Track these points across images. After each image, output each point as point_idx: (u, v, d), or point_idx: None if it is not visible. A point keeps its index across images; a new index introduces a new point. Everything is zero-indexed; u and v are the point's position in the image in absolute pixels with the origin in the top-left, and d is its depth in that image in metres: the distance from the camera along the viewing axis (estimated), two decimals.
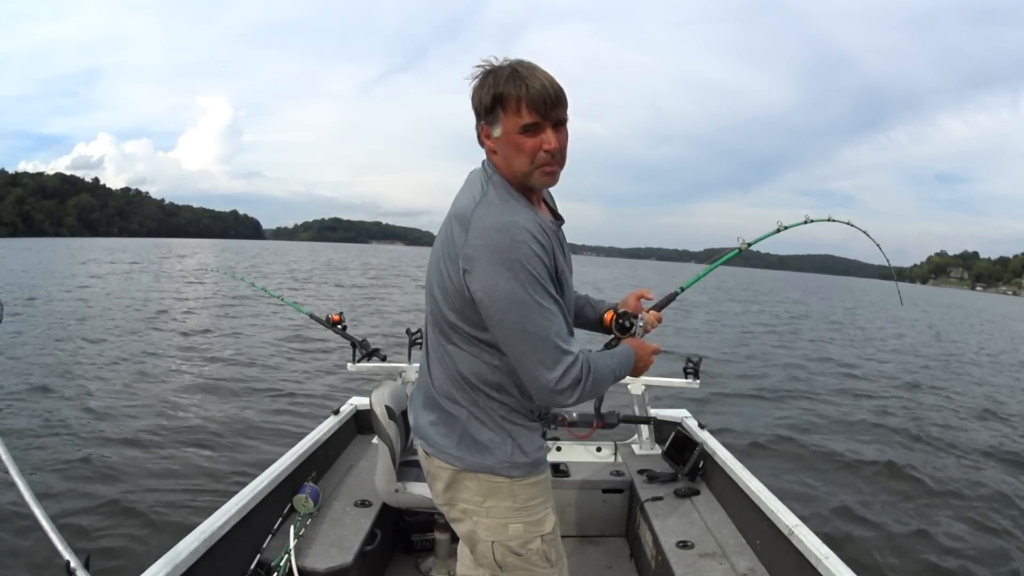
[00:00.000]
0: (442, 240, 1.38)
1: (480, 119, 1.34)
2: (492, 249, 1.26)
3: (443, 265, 1.36)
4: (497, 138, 1.33)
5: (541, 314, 1.27)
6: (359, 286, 26.94)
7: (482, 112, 1.32)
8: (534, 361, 1.28)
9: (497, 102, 1.29)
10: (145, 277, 26.24)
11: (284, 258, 58.04)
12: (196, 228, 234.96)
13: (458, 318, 1.35)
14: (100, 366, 8.31)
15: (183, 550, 1.76)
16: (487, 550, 1.44)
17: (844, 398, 9.05)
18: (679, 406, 3.51)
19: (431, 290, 1.42)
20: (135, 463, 4.85)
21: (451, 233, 1.34)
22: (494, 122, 1.31)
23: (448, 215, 1.40)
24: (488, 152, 1.38)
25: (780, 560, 2.09)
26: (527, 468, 1.42)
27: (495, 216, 1.29)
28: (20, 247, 57.70)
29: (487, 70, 1.31)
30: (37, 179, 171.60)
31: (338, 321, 3.31)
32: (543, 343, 1.27)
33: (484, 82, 1.31)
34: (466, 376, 1.39)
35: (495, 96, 1.28)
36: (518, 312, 1.26)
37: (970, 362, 15.03)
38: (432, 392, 1.46)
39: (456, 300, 1.34)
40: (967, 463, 6.28)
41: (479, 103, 1.32)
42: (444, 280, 1.35)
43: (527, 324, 1.26)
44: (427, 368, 1.49)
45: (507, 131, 1.30)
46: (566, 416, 2.86)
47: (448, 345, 1.40)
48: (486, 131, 1.34)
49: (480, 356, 1.37)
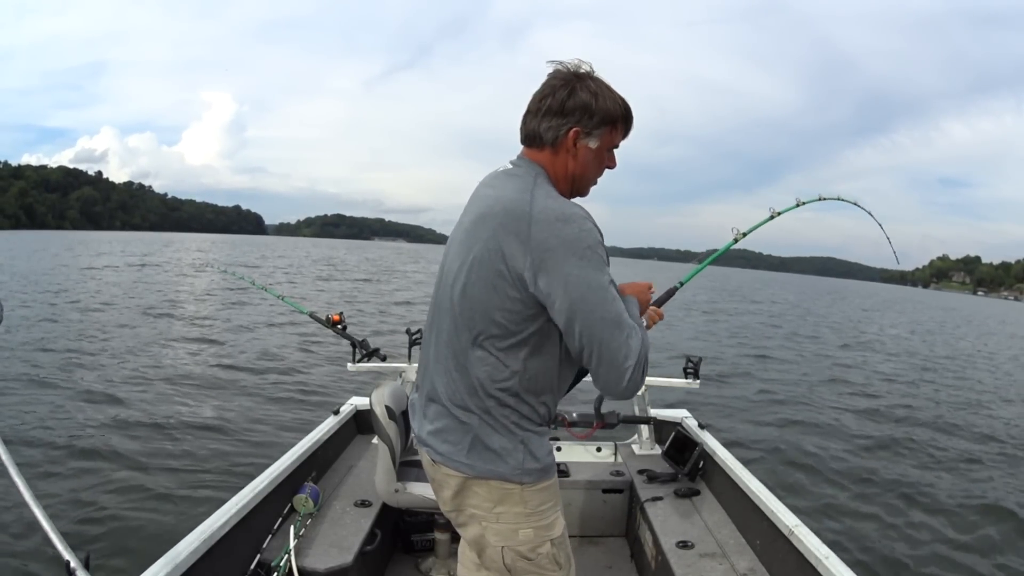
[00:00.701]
0: (485, 239, 1.32)
1: (574, 124, 1.33)
2: (561, 240, 1.25)
3: (491, 264, 1.30)
4: (589, 147, 1.35)
5: (614, 298, 1.28)
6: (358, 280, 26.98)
7: (590, 121, 1.33)
8: (613, 349, 1.26)
9: (619, 119, 1.36)
10: (144, 273, 26.23)
11: (295, 253, 58.02)
12: (199, 223, 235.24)
13: (505, 318, 1.31)
14: (100, 366, 8.29)
15: (183, 550, 1.76)
16: (496, 555, 1.42)
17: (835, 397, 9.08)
18: (679, 406, 3.51)
19: (463, 292, 1.35)
20: (135, 463, 4.84)
21: (501, 230, 1.29)
22: (597, 133, 1.35)
23: (482, 214, 1.35)
24: (560, 154, 1.37)
25: (780, 560, 2.09)
26: (538, 474, 1.40)
27: (558, 208, 1.29)
28: (20, 241, 57.65)
29: (598, 79, 1.34)
30: (40, 172, 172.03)
31: (338, 321, 3.31)
32: (617, 326, 1.26)
33: (613, 94, 1.34)
34: (483, 382, 1.35)
35: (625, 113, 1.36)
36: (596, 298, 1.25)
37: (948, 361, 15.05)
38: (441, 399, 1.42)
39: (506, 300, 1.30)
40: (967, 464, 6.28)
41: (597, 112, 1.33)
42: (492, 279, 1.30)
43: (603, 310, 1.26)
44: (435, 374, 1.44)
45: (603, 145, 1.36)
46: (566, 416, 2.86)
47: (475, 350, 1.35)
48: (578, 135, 1.34)
49: (506, 360, 1.34)
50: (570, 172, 1.38)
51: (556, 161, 1.37)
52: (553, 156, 1.37)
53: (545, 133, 1.36)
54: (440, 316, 1.43)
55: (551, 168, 1.38)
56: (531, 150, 1.40)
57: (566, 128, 1.34)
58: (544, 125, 1.35)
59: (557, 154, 1.37)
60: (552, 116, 1.34)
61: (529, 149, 1.41)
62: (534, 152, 1.40)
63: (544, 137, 1.36)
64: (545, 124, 1.35)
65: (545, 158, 1.38)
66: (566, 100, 1.33)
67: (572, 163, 1.37)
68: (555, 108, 1.33)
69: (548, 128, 1.35)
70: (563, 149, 1.36)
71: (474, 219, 1.37)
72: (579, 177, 1.39)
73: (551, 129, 1.35)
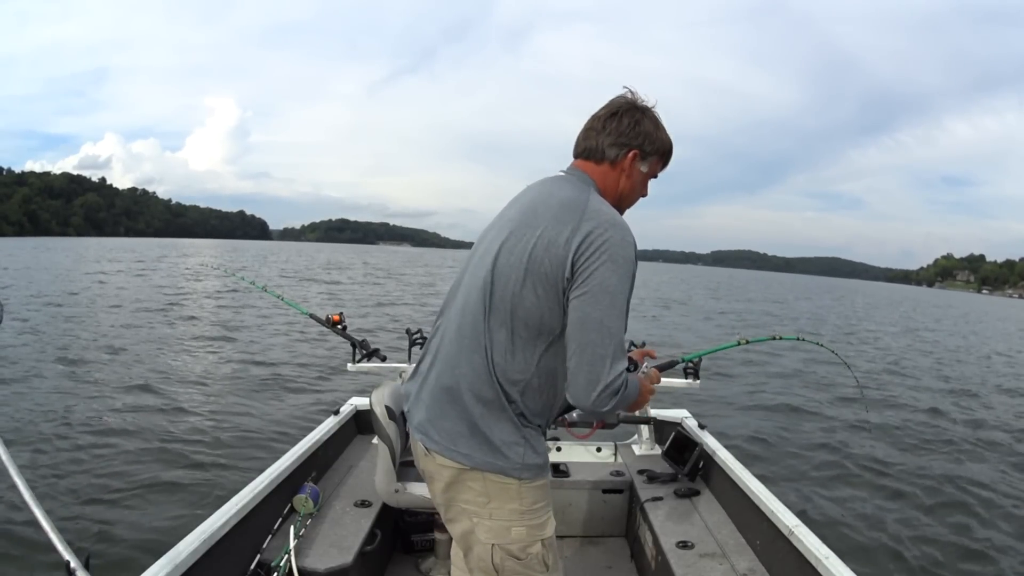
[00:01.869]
0: (533, 227, 1.36)
1: (636, 147, 1.46)
2: (605, 240, 1.31)
3: (535, 253, 1.34)
4: (640, 170, 1.49)
5: (622, 316, 1.32)
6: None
7: (649, 148, 1.47)
8: (597, 355, 1.28)
9: (667, 153, 1.51)
10: (150, 276, 26.34)
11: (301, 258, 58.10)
12: (203, 228, 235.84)
13: (538, 309, 1.34)
14: (100, 367, 8.33)
15: (183, 550, 1.76)
16: (485, 553, 1.41)
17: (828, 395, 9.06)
18: (679, 406, 3.51)
19: (502, 280, 1.37)
20: (135, 463, 4.86)
21: (554, 221, 1.35)
22: (650, 159, 1.49)
23: (533, 205, 1.42)
24: (616, 170, 1.47)
25: (780, 560, 2.08)
26: (537, 470, 1.40)
27: (611, 213, 1.38)
28: (26, 247, 57.89)
29: (656, 116, 1.48)
30: (44, 179, 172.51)
31: (338, 321, 3.31)
32: (612, 341, 1.29)
33: (666, 131, 1.50)
34: (505, 371, 1.36)
35: (671, 149, 1.51)
36: (607, 302, 1.29)
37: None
38: (451, 384, 1.40)
39: (544, 291, 1.33)
40: (970, 463, 6.25)
41: (655, 142, 1.47)
42: (536, 268, 1.34)
43: (609, 319, 1.29)
44: (449, 359, 1.43)
45: (648, 172, 1.51)
46: (566, 416, 2.86)
47: (502, 339, 1.36)
48: (635, 158, 1.47)
49: (527, 353, 1.36)
50: (620, 189, 1.49)
51: (609, 176, 1.48)
52: (608, 171, 1.48)
53: (608, 149, 1.46)
54: (469, 300, 1.43)
55: (602, 182, 1.47)
56: (587, 163, 1.49)
57: (628, 149, 1.46)
58: (609, 141, 1.46)
59: (613, 170, 1.48)
60: (619, 136, 1.46)
61: (585, 162, 1.50)
62: (590, 165, 1.49)
63: (607, 153, 1.47)
64: (610, 141, 1.46)
65: (600, 172, 1.48)
66: (635, 126, 1.45)
67: (624, 181, 1.48)
68: (624, 130, 1.45)
69: (612, 145, 1.46)
70: (619, 167, 1.47)
71: (524, 209, 1.43)
72: (626, 196, 1.50)
73: (615, 147, 1.46)
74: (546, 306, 1.33)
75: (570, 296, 1.31)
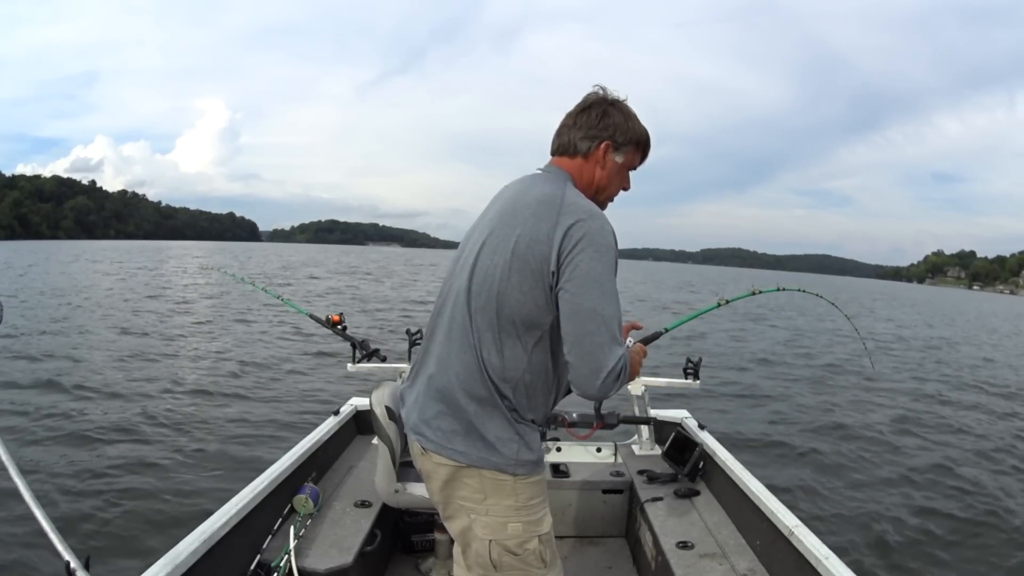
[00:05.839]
0: (513, 225, 1.39)
1: (607, 138, 1.47)
2: (585, 231, 1.33)
3: (517, 251, 1.36)
4: (615, 161, 1.50)
5: (614, 300, 1.34)
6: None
7: (621, 138, 1.48)
8: (595, 344, 1.30)
9: (642, 143, 1.52)
10: (145, 277, 26.19)
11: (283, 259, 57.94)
12: (193, 230, 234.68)
13: (526, 305, 1.35)
14: (100, 366, 8.30)
15: (183, 550, 1.75)
16: (483, 549, 1.43)
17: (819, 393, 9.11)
18: (679, 406, 3.51)
19: (487, 278, 1.39)
20: (135, 463, 4.84)
21: (533, 218, 1.37)
22: (624, 150, 1.50)
23: (512, 205, 1.43)
24: (590, 162, 1.49)
25: (780, 560, 2.08)
26: (531, 466, 1.42)
27: (587, 205, 1.40)
28: (20, 250, 57.45)
29: (628, 106, 1.50)
30: (34, 182, 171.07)
31: (338, 322, 3.30)
32: (607, 328, 1.31)
33: (639, 122, 1.50)
34: (496, 369, 1.37)
35: (647, 140, 1.52)
36: (598, 292, 1.31)
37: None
38: (444, 384, 1.42)
39: (530, 287, 1.35)
40: (969, 463, 6.29)
41: (627, 132, 1.48)
42: (519, 265, 1.35)
43: (601, 306, 1.31)
44: (442, 358, 1.45)
45: (624, 164, 1.52)
46: (566, 416, 2.85)
47: (491, 337, 1.38)
48: (609, 148, 1.48)
49: (517, 350, 1.38)
50: (596, 181, 1.50)
51: (584, 169, 1.49)
52: (583, 164, 1.49)
53: (580, 143, 1.48)
54: (456, 302, 1.45)
55: (578, 175, 1.49)
56: (562, 158, 1.52)
57: (599, 140, 1.47)
58: (580, 135, 1.48)
59: (587, 162, 1.49)
60: (589, 128, 1.48)
61: (560, 158, 1.52)
62: (565, 160, 1.51)
63: (579, 147, 1.49)
64: (581, 135, 1.48)
65: (575, 166, 1.50)
66: (603, 117, 1.47)
67: (599, 172, 1.49)
68: (592, 123, 1.47)
69: (583, 139, 1.48)
70: (593, 159, 1.49)
71: (503, 209, 1.45)
72: (603, 188, 1.51)
73: (586, 140, 1.48)
74: (532, 302, 1.35)
75: (558, 289, 1.33)
